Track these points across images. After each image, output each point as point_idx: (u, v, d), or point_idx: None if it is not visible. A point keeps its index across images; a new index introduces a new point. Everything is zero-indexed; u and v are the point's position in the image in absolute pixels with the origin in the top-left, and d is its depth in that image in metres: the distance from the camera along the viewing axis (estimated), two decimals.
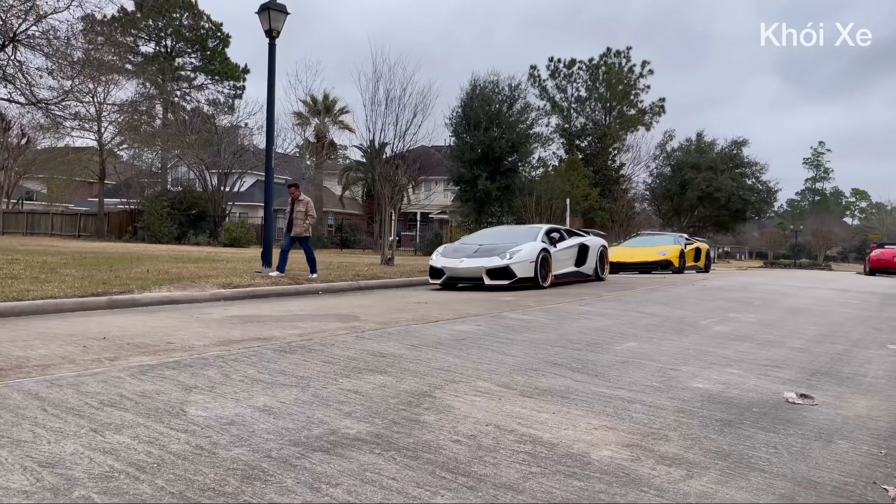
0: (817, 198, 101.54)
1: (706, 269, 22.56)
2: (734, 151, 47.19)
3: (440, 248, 12.90)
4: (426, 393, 3.89)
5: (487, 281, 11.35)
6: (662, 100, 47.43)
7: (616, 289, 12.14)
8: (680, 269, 19.82)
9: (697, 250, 22.37)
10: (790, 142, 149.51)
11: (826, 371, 5.02)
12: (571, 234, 14.17)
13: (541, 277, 11.66)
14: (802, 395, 4.11)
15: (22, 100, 15.74)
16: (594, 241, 14.37)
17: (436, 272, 11.98)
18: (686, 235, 24.49)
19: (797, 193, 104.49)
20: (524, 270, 11.41)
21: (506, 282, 11.31)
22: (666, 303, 9.72)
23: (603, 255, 14.45)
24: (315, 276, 11.77)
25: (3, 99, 16.37)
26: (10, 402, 3.42)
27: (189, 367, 4.34)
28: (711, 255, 24.77)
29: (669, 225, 45.50)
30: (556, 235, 13.10)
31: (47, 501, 2.24)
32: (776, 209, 71.95)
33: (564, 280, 12.91)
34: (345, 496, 2.37)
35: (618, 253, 20.92)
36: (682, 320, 7.69)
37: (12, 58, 14.88)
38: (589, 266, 13.85)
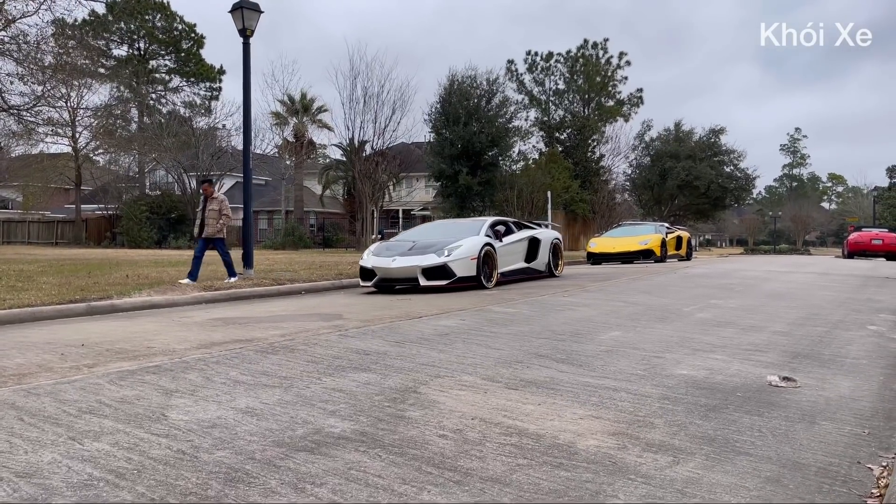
0: (795, 184, 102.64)
1: (688, 258, 22.73)
2: (712, 140, 47.54)
3: (372, 247, 11.50)
4: (411, 389, 3.86)
5: (423, 282, 10.04)
6: (640, 90, 47.68)
7: (597, 279, 12.18)
8: (662, 258, 19.94)
9: (679, 239, 22.51)
10: (769, 129, 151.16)
11: (808, 354, 5.06)
12: (521, 226, 12.85)
13: (484, 276, 10.46)
14: (785, 378, 4.13)
15: None
16: (546, 235, 13.01)
17: (367, 273, 10.59)
18: (667, 224, 24.64)
19: (775, 180, 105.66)
20: (465, 269, 10.18)
21: (443, 282, 10.05)
22: (649, 291, 9.76)
23: (557, 248, 13.25)
24: (234, 279, 10.74)
25: None
26: None
27: (170, 372, 4.28)
28: (693, 243, 24.95)
29: (650, 215, 45.77)
30: (501, 229, 11.69)
31: None
32: (755, 196, 72.60)
33: (513, 278, 11.67)
34: (330, 495, 2.34)
35: (600, 244, 21.01)
36: (665, 308, 7.73)
37: None
38: (541, 261, 12.49)
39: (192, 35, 44.67)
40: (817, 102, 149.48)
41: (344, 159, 39.42)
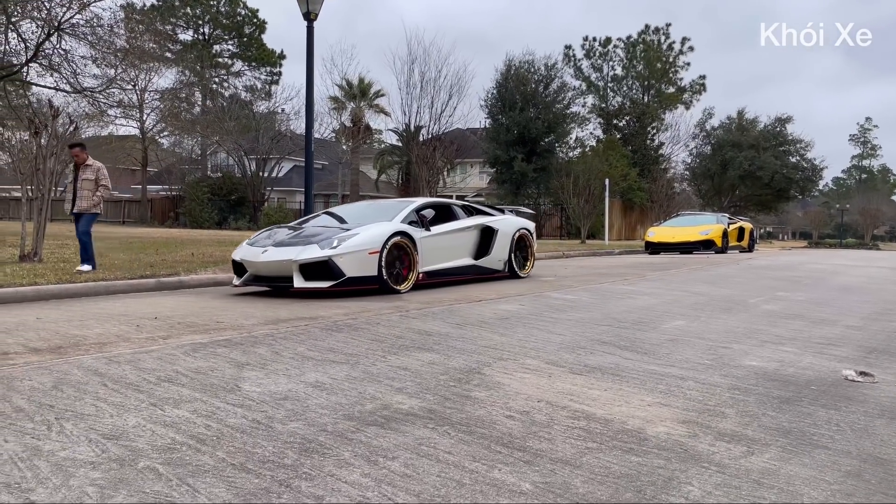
0: (864, 175, 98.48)
1: (750, 249, 22.12)
2: (778, 129, 46.04)
3: (257, 233, 8.96)
4: (475, 370, 3.88)
5: (299, 283, 7.35)
6: (703, 77, 46.47)
7: (656, 269, 11.97)
8: (723, 249, 19.46)
9: (741, 230, 21.92)
10: (845, 119, 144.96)
11: (884, 349, 4.87)
12: (472, 211, 9.98)
13: (392, 277, 7.77)
14: (862, 373, 3.99)
15: (68, 88, 16.12)
16: (508, 223, 9.97)
17: (238, 268, 8.00)
18: (728, 215, 24.00)
19: (843, 171, 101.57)
20: (358, 266, 7.44)
21: (326, 284, 7.31)
22: (711, 282, 9.55)
23: (524, 241, 10.22)
24: (87, 267, 8.61)
25: (50, 87, 16.77)
26: (72, 377, 3.51)
27: (240, 345, 4.41)
28: (755, 234, 24.26)
29: (710, 205, 44.66)
30: (428, 213, 8.67)
31: (114, 472, 2.29)
32: (821, 188, 70.09)
33: (450, 278, 8.93)
34: (402, 469, 2.38)
35: (658, 233, 20.62)
36: (729, 299, 7.54)
37: (57, 47, 15.25)
38: (496, 258, 9.59)
39: (255, 20, 45.47)
40: (893, 92, 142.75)
41: (399, 144, 39.70)
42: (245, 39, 45.59)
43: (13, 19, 15.76)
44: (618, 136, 42.65)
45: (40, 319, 5.49)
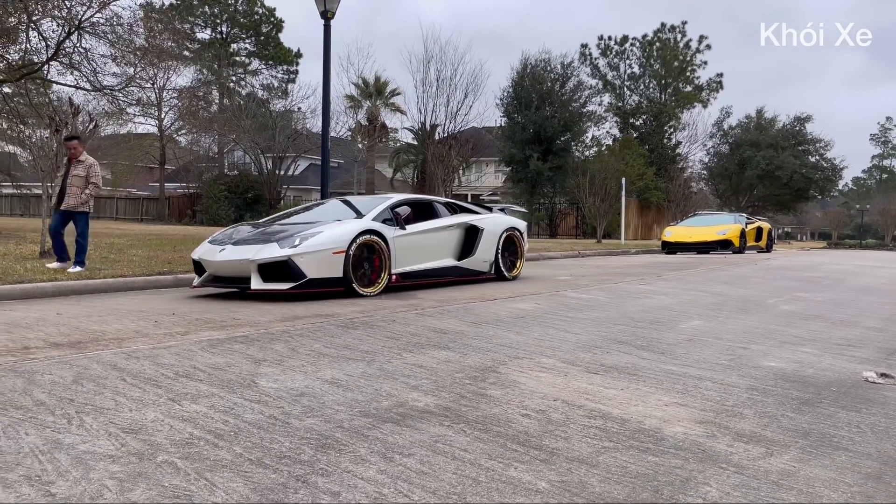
0: (885, 175, 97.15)
1: (768, 250, 21.92)
2: (797, 128, 45.50)
3: (222, 230, 8.45)
4: (490, 368, 3.88)
5: (256, 284, 6.85)
6: (720, 75, 46.02)
7: (673, 268, 11.89)
8: (741, 249, 19.29)
9: (759, 230, 21.72)
10: (868, 118, 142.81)
11: None
12: (456, 209, 9.36)
13: (360, 279, 7.20)
14: (883, 375, 3.94)
15: (88, 86, 16.28)
16: (494, 222, 9.34)
17: (198, 267, 7.58)
18: (746, 215, 23.79)
19: (864, 171, 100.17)
20: (321, 267, 6.91)
21: (285, 286, 6.82)
22: (729, 282, 9.47)
23: (512, 242, 9.56)
24: (78, 269, 8.19)
25: (71, 85, 16.94)
26: (92, 372, 3.55)
27: (257, 342, 4.44)
28: (773, 235, 24.03)
29: (727, 205, 44.26)
30: (403, 211, 8.06)
31: (133, 465, 2.31)
32: (841, 188, 69.23)
33: (429, 279, 8.34)
34: (418, 466, 2.38)
35: (675, 233, 20.49)
36: (747, 299, 7.48)
37: (78, 45, 15.41)
38: (481, 258, 8.99)
39: (272, 19, 45.69)
40: None
41: (415, 143, 39.71)
42: (262, 38, 45.83)
43: (34, 18, 15.95)
44: (634, 135, 42.38)
45: (60, 315, 5.56)
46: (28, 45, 16.94)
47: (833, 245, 58.20)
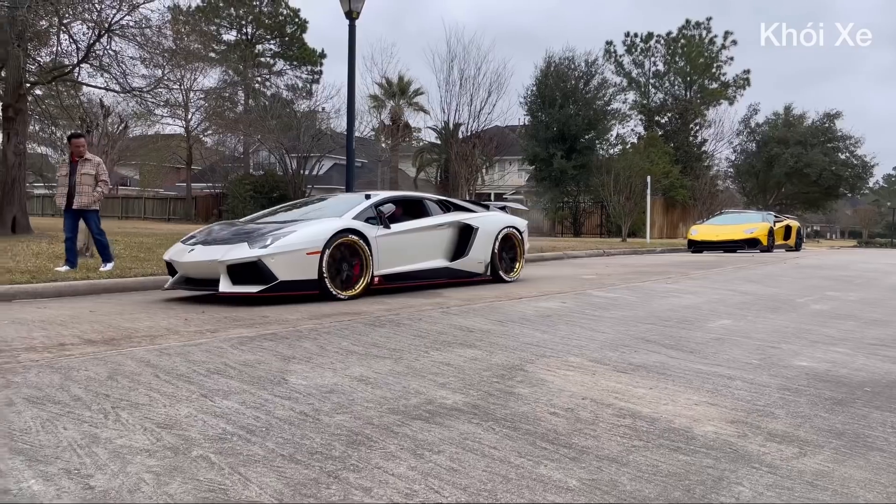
0: None
1: (797, 248, 21.59)
2: (826, 125, 44.77)
3: (199, 229, 8.04)
4: (517, 367, 3.88)
5: (225, 286, 6.42)
6: (747, 72, 45.29)
7: (700, 267, 11.77)
8: (769, 248, 19.02)
9: (787, 228, 21.40)
10: None
11: None
12: (450, 207, 8.81)
13: (337, 280, 6.78)
14: None
15: (117, 88, 16.56)
16: (490, 221, 8.86)
17: (170, 268, 7.23)
18: (774, 213, 23.46)
19: (895, 168, 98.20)
20: (293, 269, 6.49)
21: (255, 289, 6.38)
22: (757, 281, 9.35)
23: (510, 241, 9.06)
24: (109, 266, 8.31)
25: (101, 87, 17.25)
26: (126, 368, 3.62)
27: (286, 339, 4.49)
28: (802, 233, 23.66)
29: (754, 203, 43.69)
30: (387, 209, 7.59)
31: (169, 459, 2.35)
32: (871, 185, 67.86)
33: (417, 281, 7.91)
34: (448, 463, 2.39)
35: (702, 231, 20.27)
36: (776, 298, 7.38)
37: (108, 48, 15.69)
38: (475, 259, 8.49)
39: (296, 20, 46.00)
40: None
41: (438, 142, 39.75)
42: (287, 39, 46.17)
43: (65, 21, 16.26)
44: (659, 132, 41.98)
45: (94, 312, 5.67)
46: (59, 48, 17.29)
47: (863, 244, 57.17)
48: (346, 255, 6.94)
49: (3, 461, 2.31)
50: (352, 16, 11.57)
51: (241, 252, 6.48)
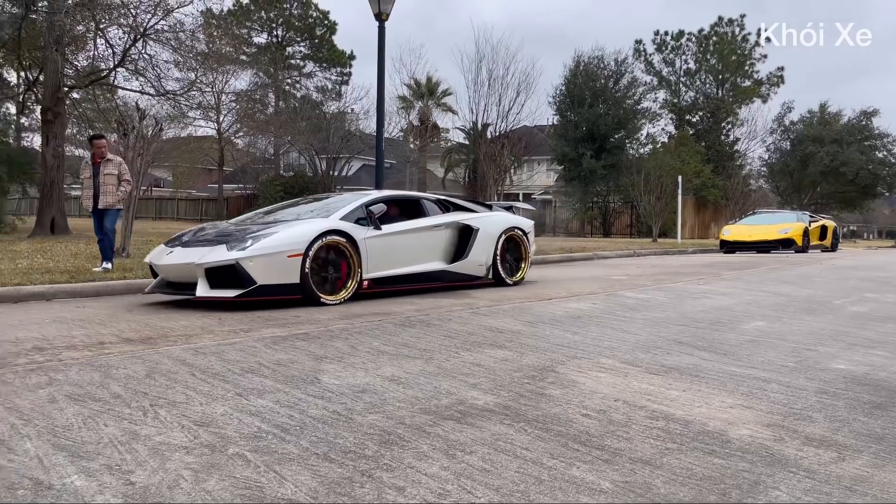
0: None
1: (833, 249, 21.16)
2: (863, 122, 43.78)
3: (191, 229, 7.82)
4: (548, 368, 3.87)
5: (203, 290, 6.14)
6: (781, 69, 44.56)
7: (733, 268, 11.61)
8: (803, 249, 18.67)
9: (823, 228, 20.99)
10: None
11: None
12: (449, 207, 8.43)
13: (321, 284, 6.47)
14: None
15: (152, 91, 16.93)
16: (492, 222, 8.50)
17: (153, 271, 7.03)
18: (809, 213, 23.02)
19: None
20: (275, 272, 6.18)
21: (232, 293, 6.07)
22: (792, 282, 9.19)
23: (515, 243, 8.71)
24: (108, 266, 8.34)
25: (136, 91, 17.66)
26: (163, 367, 3.69)
27: (318, 339, 4.53)
28: (838, 233, 23.18)
29: (788, 203, 42.94)
30: (377, 209, 7.21)
31: (206, 457, 2.40)
32: None
33: (411, 285, 7.56)
34: (481, 464, 2.40)
35: (734, 231, 19.98)
36: (812, 300, 7.25)
37: (143, 52, 16.04)
38: (475, 262, 8.13)
39: (326, 22, 46.39)
40: None
41: (466, 142, 39.77)
42: (316, 41, 46.57)
43: (101, 26, 16.63)
44: (690, 131, 41.45)
45: (130, 311, 5.79)
46: (96, 53, 17.69)
47: None
48: (331, 258, 6.61)
49: (47, 457, 2.38)
50: (381, 17, 11.64)
51: (219, 255, 6.20)
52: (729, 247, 19.26)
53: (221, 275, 6.14)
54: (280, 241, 6.28)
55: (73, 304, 6.49)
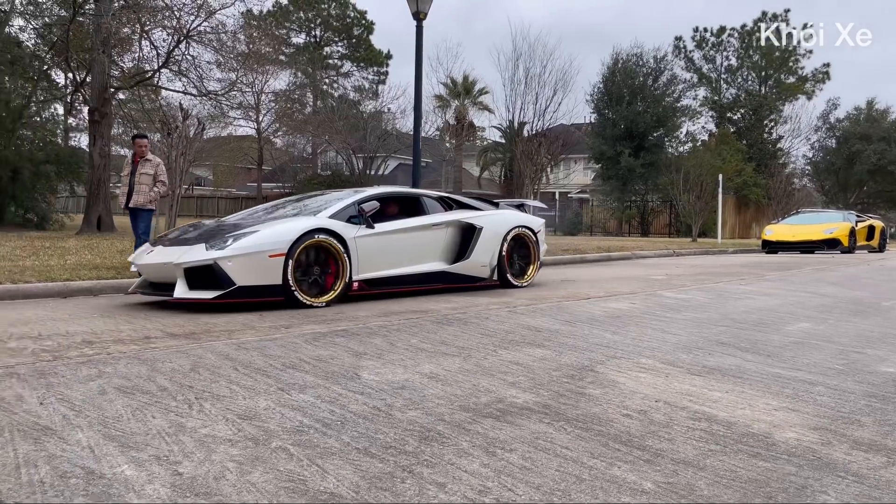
0: None
1: (881, 249, 20.55)
2: None
3: (180, 227, 7.70)
4: (587, 367, 3.84)
5: (181, 291, 5.87)
6: (827, 65, 43.38)
7: (775, 269, 11.36)
8: (850, 249, 18.17)
9: (870, 228, 20.39)
10: None
11: None
12: (452, 204, 8.09)
13: (306, 286, 6.17)
14: None
15: (195, 92, 17.27)
16: (497, 220, 8.05)
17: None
18: (856, 213, 22.40)
19: None
20: (255, 272, 5.87)
21: (210, 295, 5.79)
22: (838, 283, 8.96)
23: (522, 243, 8.31)
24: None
25: (179, 91, 18.05)
26: (207, 361, 3.77)
27: (356, 336, 4.58)
28: (886, 233, 22.51)
29: (833, 202, 41.87)
30: (369, 207, 6.79)
31: (250, 450, 2.44)
32: None
33: (407, 287, 7.15)
34: (521, 462, 2.40)
35: (777, 231, 19.54)
36: (860, 301, 7.06)
37: (186, 53, 16.39)
38: (478, 262, 7.72)
39: (363, 22, 46.72)
40: None
41: (502, 141, 39.67)
42: (354, 41, 46.93)
43: (146, 28, 17.02)
44: (731, 129, 40.66)
45: (174, 307, 5.91)
46: (141, 54, 18.11)
47: None
48: (318, 258, 6.29)
49: (97, 447, 2.45)
50: (419, 17, 11.68)
51: (197, 254, 5.92)
52: (771, 247, 18.84)
53: (200, 275, 5.88)
54: (260, 240, 5.97)
55: (118, 299, 6.66)
